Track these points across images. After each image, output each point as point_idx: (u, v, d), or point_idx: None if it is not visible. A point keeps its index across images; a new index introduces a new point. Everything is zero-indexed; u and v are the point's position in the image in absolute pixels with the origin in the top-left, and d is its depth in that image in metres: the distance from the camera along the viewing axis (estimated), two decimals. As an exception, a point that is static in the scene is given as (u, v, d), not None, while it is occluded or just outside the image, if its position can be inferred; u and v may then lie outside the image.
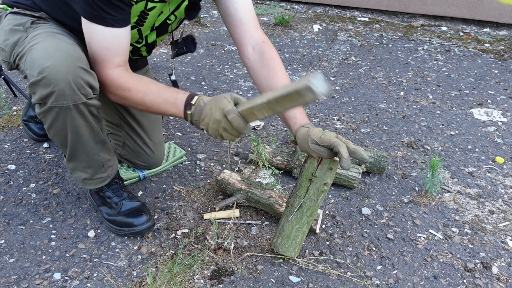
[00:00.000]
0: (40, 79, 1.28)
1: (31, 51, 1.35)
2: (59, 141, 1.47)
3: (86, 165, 1.56)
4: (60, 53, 1.31)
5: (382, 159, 1.98)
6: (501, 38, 3.93)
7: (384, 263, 1.57)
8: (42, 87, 1.29)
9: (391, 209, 1.84)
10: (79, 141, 1.46)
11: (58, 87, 1.29)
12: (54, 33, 1.44)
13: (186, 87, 2.90)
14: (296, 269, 1.53)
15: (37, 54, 1.32)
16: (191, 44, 1.75)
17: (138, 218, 1.63)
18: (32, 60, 1.33)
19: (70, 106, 1.34)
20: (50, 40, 1.38)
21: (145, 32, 1.60)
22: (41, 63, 1.28)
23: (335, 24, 4.26)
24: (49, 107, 1.33)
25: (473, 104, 2.77)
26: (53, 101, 1.31)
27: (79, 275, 1.49)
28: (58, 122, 1.38)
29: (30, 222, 1.72)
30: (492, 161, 2.18)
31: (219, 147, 2.24)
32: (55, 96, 1.30)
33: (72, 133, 1.42)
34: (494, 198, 1.91)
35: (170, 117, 2.50)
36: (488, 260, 1.59)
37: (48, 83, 1.28)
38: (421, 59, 3.48)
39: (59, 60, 1.29)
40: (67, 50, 1.33)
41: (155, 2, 1.46)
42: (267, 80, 1.54)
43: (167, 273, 1.48)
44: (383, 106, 2.72)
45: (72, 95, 1.32)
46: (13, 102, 2.58)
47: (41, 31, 1.44)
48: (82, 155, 1.51)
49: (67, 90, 1.30)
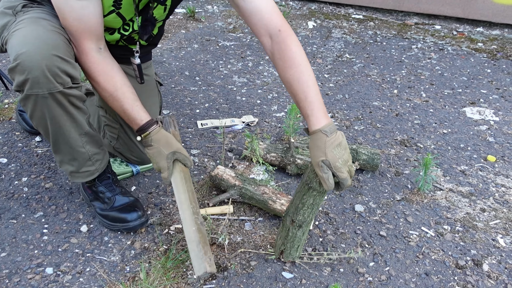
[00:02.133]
0: (15, 66, 1.27)
1: (12, 37, 1.35)
2: (42, 130, 1.46)
3: (70, 157, 1.54)
4: (37, 41, 1.29)
5: (376, 157, 1.99)
6: (494, 37, 3.95)
7: (376, 260, 1.58)
8: (18, 74, 1.29)
9: (384, 206, 1.85)
10: (60, 132, 1.44)
11: (32, 74, 1.27)
12: (40, 19, 1.40)
13: (180, 82, 2.89)
14: (289, 265, 1.53)
15: (15, 41, 1.32)
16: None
17: (131, 214, 1.62)
18: (11, 46, 1.32)
19: (46, 95, 1.32)
20: (31, 26, 1.36)
21: (127, 15, 1.52)
22: (17, 49, 1.28)
23: (330, 21, 4.26)
24: (26, 94, 1.32)
25: (465, 102, 2.79)
26: (29, 88, 1.30)
27: (71, 270, 1.49)
28: (37, 111, 1.37)
29: (22, 216, 1.71)
30: (484, 160, 2.20)
31: (213, 143, 2.23)
32: (29, 84, 1.29)
33: (52, 123, 1.41)
34: (486, 196, 1.93)
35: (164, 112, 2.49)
36: (479, 258, 1.60)
37: (22, 70, 1.27)
38: (414, 57, 3.49)
39: (34, 47, 1.27)
40: (45, 38, 1.31)
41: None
42: (284, 72, 1.38)
43: (160, 269, 1.47)
44: (377, 104, 2.73)
45: (47, 83, 1.30)
46: (4, 95, 2.56)
47: (28, 16, 1.41)
48: (65, 146, 1.50)
49: (41, 78, 1.28)
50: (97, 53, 1.42)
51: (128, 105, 1.45)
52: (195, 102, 2.64)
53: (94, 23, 1.39)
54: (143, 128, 1.46)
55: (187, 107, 2.58)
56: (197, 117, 2.48)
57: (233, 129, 2.37)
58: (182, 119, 2.44)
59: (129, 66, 1.80)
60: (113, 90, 1.43)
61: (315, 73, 3.13)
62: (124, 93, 1.44)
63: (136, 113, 1.46)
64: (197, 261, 1.30)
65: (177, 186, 1.49)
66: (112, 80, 1.43)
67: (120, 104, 1.45)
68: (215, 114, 2.51)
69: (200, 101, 2.66)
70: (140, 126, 1.46)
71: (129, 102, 1.45)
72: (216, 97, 2.71)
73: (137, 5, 1.52)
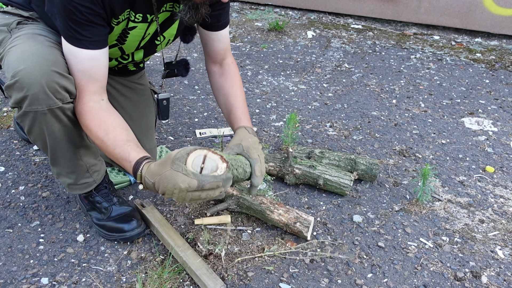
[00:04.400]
0: (13, 83, 1.25)
1: (8, 54, 1.33)
2: (40, 145, 1.45)
3: (69, 170, 1.53)
4: (35, 57, 1.27)
5: (374, 167, 1.99)
6: (492, 48, 3.97)
7: (374, 271, 1.57)
8: (16, 91, 1.26)
9: (382, 217, 1.84)
10: (58, 146, 1.43)
11: (31, 91, 1.25)
12: (36, 35, 1.40)
13: (179, 91, 2.89)
14: (286, 276, 1.52)
15: (12, 57, 1.30)
16: (183, 68, 1.75)
17: (128, 224, 1.61)
18: (8, 63, 1.31)
19: (45, 111, 1.30)
20: (28, 42, 1.35)
21: (129, 50, 1.58)
22: (15, 66, 1.25)
23: (329, 31, 4.28)
24: (25, 111, 1.31)
25: (464, 113, 2.79)
26: (27, 105, 1.28)
27: (67, 280, 1.47)
28: (36, 127, 1.36)
29: (18, 225, 1.70)
30: (483, 170, 2.19)
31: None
32: (28, 101, 1.27)
33: (50, 138, 1.40)
34: (484, 208, 1.92)
35: (162, 121, 2.49)
36: (478, 270, 1.59)
37: (21, 87, 1.25)
38: (413, 67, 3.50)
39: (33, 64, 1.25)
40: (43, 54, 1.29)
41: (136, 22, 1.43)
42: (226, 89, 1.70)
43: (156, 279, 1.46)
44: (376, 114, 2.73)
45: (46, 100, 1.28)
46: (3, 103, 2.56)
47: (24, 33, 1.41)
48: (63, 160, 1.48)
49: (40, 94, 1.26)
50: (95, 103, 1.36)
51: (119, 148, 1.30)
52: (193, 111, 2.64)
53: (100, 75, 1.38)
54: (136, 170, 1.26)
55: (186, 116, 2.58)
56: (195, 126, 2.48)
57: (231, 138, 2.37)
58: (180, 128, 2.44)
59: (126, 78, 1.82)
60: (104, 135, 1.31)
61: (315, 82, 3.14)
62: (115, 137, 1.31)
63: (126, 154, 1.29)
64: (212, 280, 1.42)
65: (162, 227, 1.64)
66: (102, 126, 1.33)
67: (111, 150, 1.31)
68: (214, 123, 2.51)
69: (199, 110, 2.66)
70: (133, 168, 1.27)
71: (119, 144, 1.30)
72: (215, 106, 2.71)
73: (139, 44, 1.57)
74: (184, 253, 1.52)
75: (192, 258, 1.50)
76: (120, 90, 1.84)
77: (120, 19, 1.38)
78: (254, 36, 4.07)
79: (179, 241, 1.57)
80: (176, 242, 1.56)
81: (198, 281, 1.45)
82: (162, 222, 1.66)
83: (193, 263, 1.48)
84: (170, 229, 1.63)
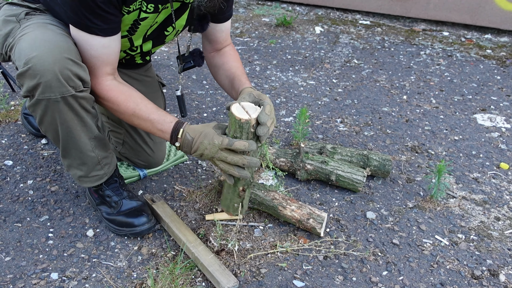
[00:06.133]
0: (26, 70, 1.24)
1: (19, 42, 1.32)
2: (51, 136, 1.43)
3: (80, 162, 1.51)
4: (47, 44, 1.26)
5: (387, 163, 1.95)
6: (503, 44, 3.92)
7: (390, 269, 1.53)
8: (28, 79, 1.25)
9: (396, 214, 1.81)
10: (70, 136, 1.41)
11: (44, 78, 1.24)
12: (46, 24, 1.39)
13: (188, 86, 2.86)
14: (300, 273, 1.49)
15: (24, 45, 1.29)
16: (199, 58, 1.73)
17: (138, 218, 1.59)
18: (19, 51, 1.29)
19: (58, 99, 1.29)
20: (39, 30, 1.34)
21: (136, 41, 1.56)
22: (27, 53, 1.24)
23: (337, 27, 4.24)
24: (37, 99, 1.29)
25: (476, 109, 2.75)
26: (40, 93, 1.27)
27: (77, 275, 1.45)
28: (48, 116, 1.34)
29: (27, 219, 1.67)
30: (497, 167, 2.15)
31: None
32: (41, 88, 1.26)
33: (62, 128, 1.38)
34: (500, 205, 1.89)
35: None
36: (495, 268, 1.56)
37: (34, 74, 1.24)
38: (423, 63, 3.46)
39: (46, 51, 1.24)
40: (56, 41, 1.28)
41: (148, 12, 1.42)
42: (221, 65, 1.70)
43: (168, 275, 1.43)
44: (386, 110, 2.69)
45: (59, 87, 1.27)
46: (11, 97, 2.53)
47: (33, 22, 1.39)
48: (75, 151, 1.46)
49: (53, 81, 1.25)
50: (112, 80, 1.42)
51: (154, 115, 1.39)
52: (202, 106, 2.61)
53: (112, 60, 1.40)
54: (176, 129, 1.37)
55: (195, 110, 2.55)
56: (204, 120, 2.45)
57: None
58: (189, 122, 2.41)
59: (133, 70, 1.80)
60: (135, 106, 1.39)
61: (324, 78, 3.10)
62: (147, 105, 1.40)
63: (163, 117, 1.39)
64: (225, 276, 1.40)
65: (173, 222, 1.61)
66: (131, 98, 1.40)
67: (145, 117, 1.39)
68: (223, 118, 2.48)
69: (207, 105, 2.63)
70: (173, 127, 1.37)
71: (153, 111, 1.40)
72: (224, 101, 2.68)
73: (146, 33, 1.55)
74: (196, 249, 1.49)
75: (204, 254, 1.48)
76: (128, 82, 1.81)
77: (131, 9, 1.36)
78: (261, 31, 4.03)
79: (190, 237, 1.54)
80: (188, 238, 1.54)
81: (210, 278, 1.42)
82: (173, 217, 1.63)
83: (205, 259, 1.45)
84: (181, 224, 1.60)
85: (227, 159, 1.31)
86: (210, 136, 1.31)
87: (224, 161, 1.33)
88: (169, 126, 1.37)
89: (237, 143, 1.29)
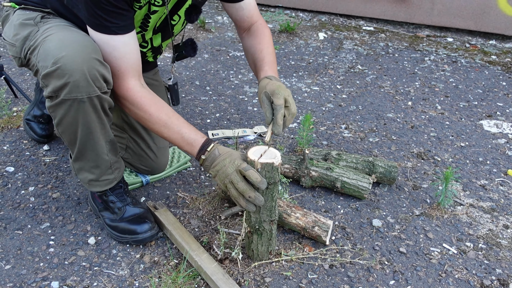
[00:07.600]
0: (54, 70, 1.24)
1: (45, 42, 1.32)
2: (68, 137, 1.42)
3: (93, 165, 1.50)
4: (75, 44, 1.27)
5: (393, 170, 1.92)
6: (508, 50, 3.89)
7: (397, 278, 1.50)
8: (56, 78, 1.25)
9: (403, 222, 1.77)
10: (90, 138, 1.41)
11: (73, 78, 1.25)
12: (66, 26, 1.41)
13: (191, 92, 2.84)
14: (305, 282, 1.46)
15: (51, 45, 1.29)
16: (190, 48, 1.73)
17: (141, 226, 1.56)
18: (46, 51, 1.29)
19: (84, 99, 1.29)
20: (64, 31, 1.35)
21: (147, 34, 1.57)
22: (55, 53, 1.25)
23: (341, 33, 4.23)
24: (62, 99, 1.29)
25: (482, 115, 2.72)
26: (67, 93, 1.27)
27: (78, 284, 1.42)
28: (69, 117, 1.34)
29: (28, 227, 1.65)
30: (504, 174, 2.12)
31: (224, 153, 2.17)
32: (69, 88, 1.26)
33: (83, 129, 1.37)
34: (508, 212, 1.85)
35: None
36: (505, 277, 1.52)
37: (63, 73, 1.24)
38: (428, 69, 3.44)
39: (75, 51, 1.25)
40: (82, 41, 1.29)
41: (157, 6, 1.44)
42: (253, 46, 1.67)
43: (170, 284, 1.41)
44: (391, 116, 2.66)
45: (87, 87, 1.27)
46: (13, 103, 2.52)
47: (53, 24, 1.41)
48: (91, 153, 1.46)
49: (82, 81, 1.26)
50: (142, 87, 1.42)
51: (185, 128, 1.40)
52: (205, 112, 2.59)
53: (136, 60, 1.40)
54: (208, 143, 1.38)
55: (198, 116, 2.53)
56: (208, 127, 2.43)
57: (245, 139, 2.32)
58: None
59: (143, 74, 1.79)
60: (167, 119, 1.39)
61: (328, 84, 3.08)
62: (178, 119, 1.41)
63: (194, 132, 1.40)
64: (229, 285, 1.36)
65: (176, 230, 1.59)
66: (163, 110, 1.41)
67: (176, 130, 1.40)
68: (226, 124, 2.46)
69: (211, 111, 2.61)
70: (204, 141, 1.39)
71: (185, 125, 1.41)
72: (227, 107, 2.66)
73: (154, 27, 1.56)
74: (199, 257, 1.46)
75: (208, 262, 1.45)
76: None
77: (142, 3, 1.38)
78: (265, 37, 4.02)
79: (193, 245, 1.52)
80: (191, 246, 1.51)
81: (214, 287, 1.39)
82: (176, 225, 1.60)
83: (209, 268, 1.42)
84: (184, 232, 1.58)
85: (238, 184, 1.30)
86: (234, 156, 1.34)
87: (235, 187, 1.32)
88: (200, 140, 1.39)
89: (252, 171, 1.29)
